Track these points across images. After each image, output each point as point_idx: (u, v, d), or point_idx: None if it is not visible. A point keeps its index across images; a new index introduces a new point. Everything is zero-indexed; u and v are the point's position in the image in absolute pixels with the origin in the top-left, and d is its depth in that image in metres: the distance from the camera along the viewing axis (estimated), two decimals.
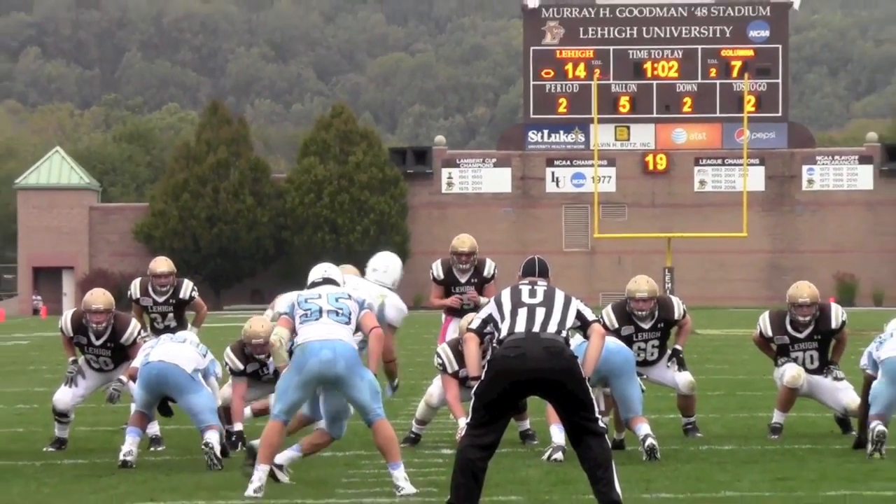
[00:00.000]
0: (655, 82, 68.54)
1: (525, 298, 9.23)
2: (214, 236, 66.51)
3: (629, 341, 12.90)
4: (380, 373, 10.34)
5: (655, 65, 68.56)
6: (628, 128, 68.52)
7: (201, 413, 11.81)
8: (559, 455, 11.59)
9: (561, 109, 68.64)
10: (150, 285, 14.49)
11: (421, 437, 12.93)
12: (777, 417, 13.43)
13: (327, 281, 10.58)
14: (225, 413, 12.76)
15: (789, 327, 13.29)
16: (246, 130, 71.11)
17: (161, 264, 14.64)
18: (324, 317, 10.23)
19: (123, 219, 70.71)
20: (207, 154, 68.09)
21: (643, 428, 11.98)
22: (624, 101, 68.32)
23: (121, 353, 13.15)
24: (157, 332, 13.86)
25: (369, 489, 10.33)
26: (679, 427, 13.63)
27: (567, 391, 8.97)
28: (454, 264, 14.11)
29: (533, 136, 69.30)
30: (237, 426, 12.88)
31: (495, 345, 9.20)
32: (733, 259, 64.91)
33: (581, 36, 68.81)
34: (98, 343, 13.14)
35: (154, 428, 12.88)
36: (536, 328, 9.05)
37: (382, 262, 11.29)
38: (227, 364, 13.03)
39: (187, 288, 14.59)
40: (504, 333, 9.12)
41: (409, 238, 67.37)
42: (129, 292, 14.69)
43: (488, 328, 9.35)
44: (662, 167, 68.37)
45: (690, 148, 68.61)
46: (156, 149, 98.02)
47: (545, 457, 11.81)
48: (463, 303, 14.02)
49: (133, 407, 12.16)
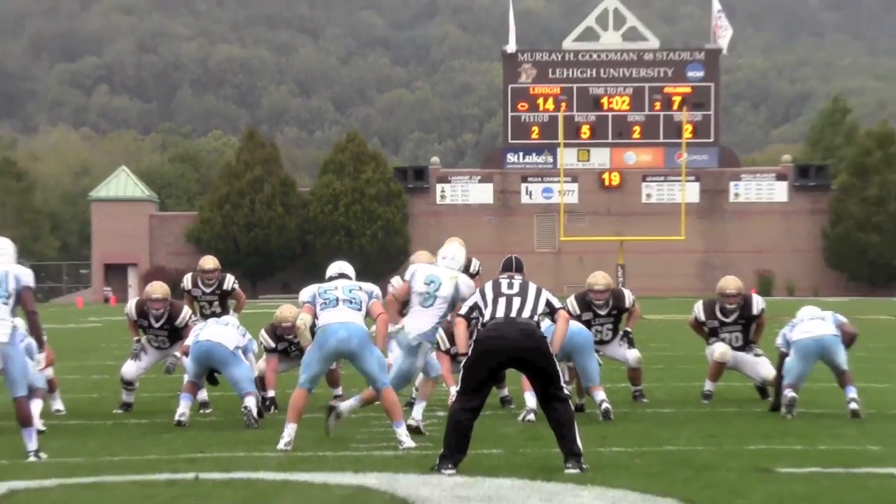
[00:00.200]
0: (610, 114, 68.55)
1: (504, 290, 9.29)
2: (251, 239, 66.50)
3: (588, 325, 12.94)
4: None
5: (610, 99, 68.56)
6: (588, 151, 68.47)
7: (241, 382, 11.84)
8: (531, 416, 11.63)
9: (533, 136, 68.62)
10: (200, 279, 14.51)
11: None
12: (708, 386, 13.49)
13: (342, 276, 10.63)
14: (260, 382, 12.82)
15: (718, 313, 13.34)
16: (277, 153, 70.97)
17: (208, 262, 14.66)
18: (340, 305, 10.27)
19: (177, 225, 70.67)
20: (245, 172, 68.05)
21: (600, 394, 12.02)
22: (585, 129, 68.30)
23: (175, 334, 13.20)
24: (205, 317, 13.88)
25: (377, 444, 10.36)
26: (629, 394, 13.67)
27: (538, 365, 9.03)
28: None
29: (511, 158, 69.27)
30: (270, 393, 12.94)
31: (480, 327, 9.25)
32: (673, 258, 64.93)
33: (550, 76, 68.82)
34: (157, 325, 13.19)
35: (203, 394, 12.93)
36: (513, 314, 9.11)
37: (451, 252, 11.25)
38: (262, 342, 13.08)
39: (229, 281, 14.61)
40: (487, 318, 9.18)
41: (410, 241, 67.22)
42: (182, 284, 14.72)
43: (474, 314, 9.40)
44: (616, 183, 68.36)
45: (639, 167, 68.61)
46: (203, 167, 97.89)
47: (520, 418, 11.85)
48: None
49: (186, 377, 12.18)
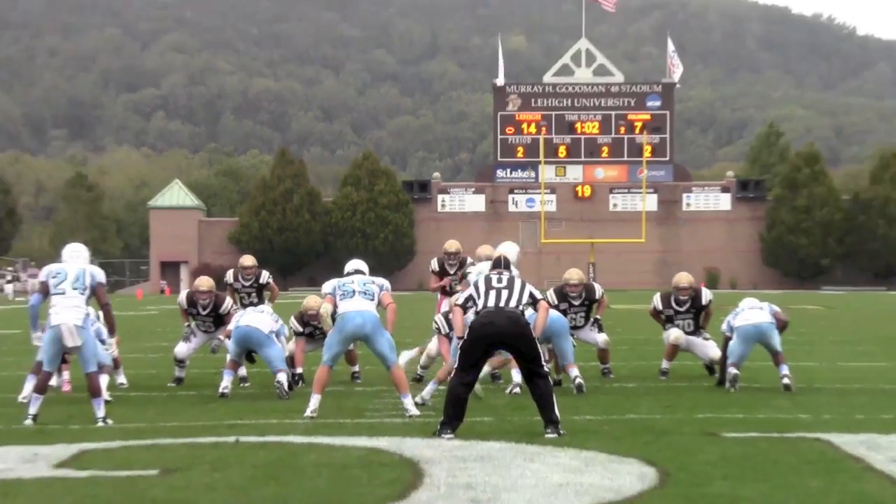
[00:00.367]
0: (583, 137, 68.56)
1: (494, 284, 9.28)
2: (283, 241, 66.50)
3: (564, 313, 12.92)
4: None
5: (583, 124, 68.57)
6: (565, 167, 68.51)
7: (274, 361, 11.82)
8: (517, 390, 11.59)
9: (519, 155, 68.65)
10: (240, 274, 14.45)
11: (423, 378, 12.95)
12: (664, 364, 13.47)
13: (357, 271, 10.59)
14: (290, 360, 12.80)
15: (673, 303, 13.32)
16: (304, 169, 70.96)
17: (247, 260, 14.60)
18: (356, 296, 10.25)
19: (221, 229, 70.68)
20: (278, 185, 68.04)
21: (574, 371, 11.99)
22: (562, 150, 68.33)
23: (219, 320, 13.18)
24: (244, 306, 13.82)
25: (388, 412, 10.32)
26: (599, 371, 13.64)
27: (522, 346, 9.02)
28: (445, 261, 14.08)
29: (500, 173, 69.28)
30: (299, 369, 12.90)
31: (474, 315, 9.24)
32: (635, 257, 64.98)
33: (532, 105, 68.81)
34: (204, 313, 13.17)
35: (242, 370, 12.90)
36: (502, 304, 9.11)
37: (506, 248, 11.26)
38: (292, 327, 13.06)
39: (265, 276, 14.55)
40: (480, 307, 9.17)
41: (415, 243, 67.34)
42: (225, 279, 14.64)
43: (469, 303, 9.38)
44: (588, 194, 68.38)
45: (607, 182, 68.62)
46: (242, 181, 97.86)
47: (507, 391, 11.80)
48: (451, 287, 14.02)
49: (228, 356, 12.16)
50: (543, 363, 9.12)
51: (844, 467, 7.37)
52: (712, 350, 13.13)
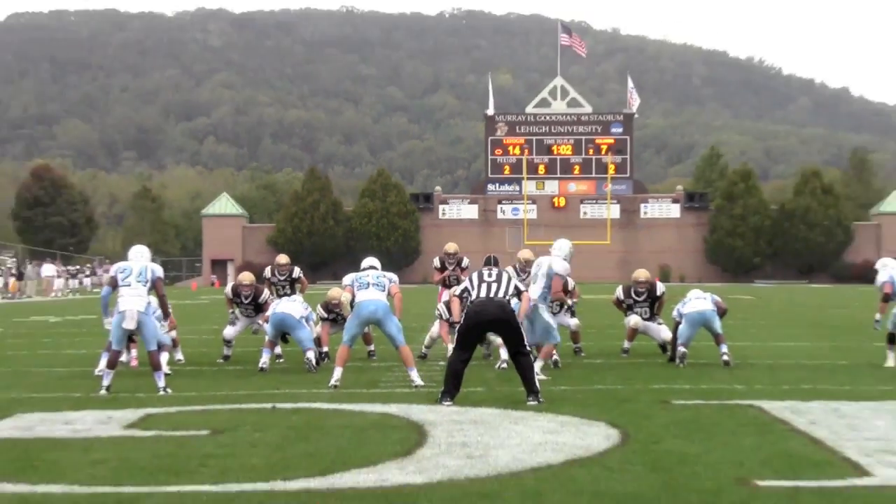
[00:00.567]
0: (559, 157, 68.55)
1: (485, 278, 9.28)
2: (312, 243, 66.47)
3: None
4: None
5: (559, 147, 68.55)
6: (544, 182, 68.48)
7: (304, 341, 11.81)
8: (504, 365, 11.58)
9: (506, 172, 68.59)
10: (276, 270, 14.38)
11: (427, 356, 12.94)
12: (626, 344, 13.45)
13: (372, 267, 10.63)
14: (318, 341, 12.78)
15: (633, 294, 13.31)
16: (329, 184, 70.93)
17: (282, 258, 14.56)
18: (370, 287, 10.27)
19: (261, 233, 70.64)
20: (307, 197, 67.98)
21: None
22: (541, 168, 68.31)
23: (259, 308, 13.15)
24: (279, 296, 13.80)
25: (398, 383, 10.30)
26: (571, 350, 13.64)
27: (508, 331, 9.02)
28: (446, 259, 14.08)
29: (491, 188, 69.22)
30: (325, 348, 12.89)
31: (469, 304, 9.23)
32: (602, 256, 64.90)
33: (517, 131, 68.79)
34: (246, 302, 13.14)
35: (278, 349, 12.87)
36: (492, 295, 9.11)
37: (559, 245, 11.28)
38: (319, 314, 13.05)
39: (296, 271, 14.48)
40: (473, 297, 9.17)
41: (420, 244, 67.31)
42: (264, 274, 14.58)
43: (465, 294, 9.38)
44: (563, 205, 68.33)
45: (578, 194, 68.57)
46: (278, 194, 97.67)
47: (496, 366, 11.80)
48: (450, 280, 14.02)
49: (266, 337, 12.14)
50: (526, 344, 9.12)
51: (773, 429, 7.37)
52: (665, 333, 13.12)
